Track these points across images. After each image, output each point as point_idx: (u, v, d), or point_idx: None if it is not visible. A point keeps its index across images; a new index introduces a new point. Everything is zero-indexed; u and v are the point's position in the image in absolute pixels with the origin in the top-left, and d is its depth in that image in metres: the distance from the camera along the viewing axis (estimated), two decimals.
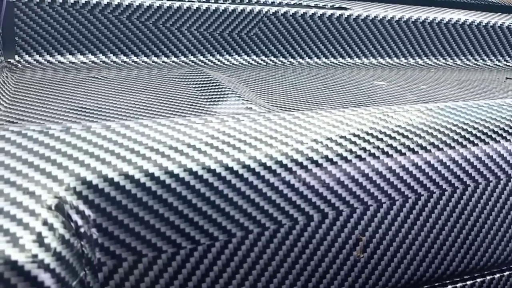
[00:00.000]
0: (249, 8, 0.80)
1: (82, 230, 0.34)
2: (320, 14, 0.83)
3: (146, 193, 0.36)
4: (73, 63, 0.71)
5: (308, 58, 0.83)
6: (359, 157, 0.44)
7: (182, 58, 0.78)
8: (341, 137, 0.45)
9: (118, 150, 0.37)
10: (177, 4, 0.77)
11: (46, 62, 0.70)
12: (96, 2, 0.73)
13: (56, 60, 0.71)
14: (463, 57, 0.90)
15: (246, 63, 0.80)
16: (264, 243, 0.40)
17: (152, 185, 0.37)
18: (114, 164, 0.36)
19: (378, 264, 0.44)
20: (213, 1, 0.84)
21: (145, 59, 0.76)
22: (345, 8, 0.89)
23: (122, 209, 0.36)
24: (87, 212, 0.35)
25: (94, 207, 0.35)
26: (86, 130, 0.39)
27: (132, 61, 0.75)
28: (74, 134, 0.38)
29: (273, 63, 0.81)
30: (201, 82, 0.62)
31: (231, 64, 0.79)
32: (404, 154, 0.45)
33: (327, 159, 0.43)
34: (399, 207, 0.45)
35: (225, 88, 0.58)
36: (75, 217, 0.34)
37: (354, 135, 0.45)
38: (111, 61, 0.73)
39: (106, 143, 0.38)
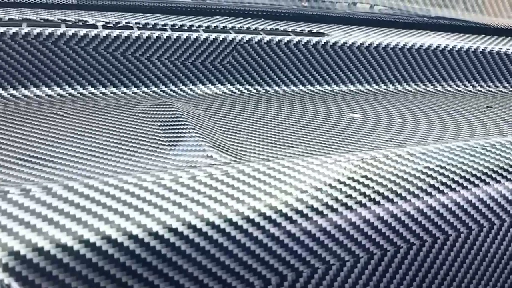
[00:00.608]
0: (222, 36, 0.78)
1: None
2: (296, 42, 0.81)
3: (86, 265, 0.34)
4: (38, 96, 0.69)
5: (285, 86, 0.81)
6: (311, 216, 0.42)
7: (153, 88, 0.75)
8: (302, 191, 0.42)
9: (57, 218, 0.35)
10: (147, 33, 0.75)
11: (9, 96, 0.68)
12: (61, 33, 0.71)
13: (20, 94, 0.69)
14: (444, 83, 0.88)
15: (221, 93, 0.78)
16: None
17: (93, 256, 0.34)
18: (52, 235, 0.34)
19: None
20: (185, 29, 0.82)
21: (114, 90, 0.73)
22: (323, 34, 0.87)
23: (59, 284, 0.33)
24: None
25: (28, 284, 0.33)
26: (25, 195, 0.36)
27: (101, 93, 0.72)
28: (11, 200, 0.36)
29: (248, 92, 0.79)
30: (166, 119, 0.60)
31: (204, 94, 0.76)
32: (363, 207, 0.43)
33: (286, 217, 0.41)
34: (350, 268, 0.43)
35: (188, 129, 0.56)
36: None
37: (316, 188, 0.43)
38: (78, 93, 0.71)
39: (45, 209, 0.36)
